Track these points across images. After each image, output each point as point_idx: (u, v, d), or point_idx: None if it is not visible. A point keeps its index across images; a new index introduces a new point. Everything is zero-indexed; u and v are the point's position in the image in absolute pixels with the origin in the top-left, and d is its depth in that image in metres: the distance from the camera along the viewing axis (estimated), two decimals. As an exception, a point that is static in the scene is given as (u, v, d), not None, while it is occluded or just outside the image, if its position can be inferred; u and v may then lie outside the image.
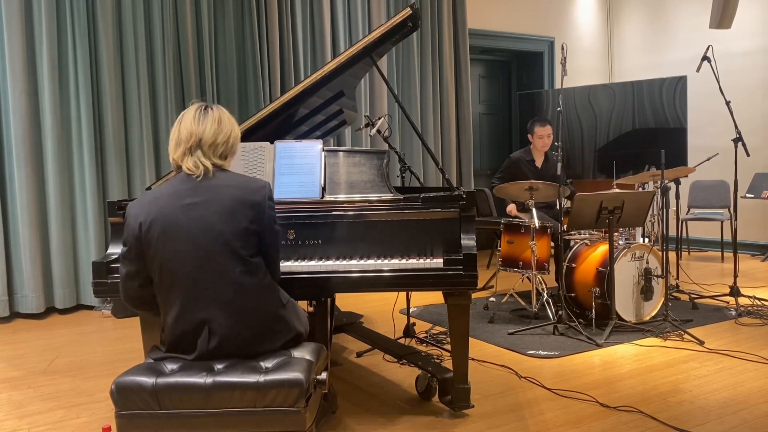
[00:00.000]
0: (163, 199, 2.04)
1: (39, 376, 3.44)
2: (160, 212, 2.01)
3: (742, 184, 5.66)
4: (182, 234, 1.99)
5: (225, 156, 2.13)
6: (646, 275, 4.10)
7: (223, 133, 2.11)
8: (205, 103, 2.17)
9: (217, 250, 1.99)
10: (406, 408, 2.87)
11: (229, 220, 2.00)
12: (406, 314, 3.88)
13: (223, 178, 2.08)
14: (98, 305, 4.93)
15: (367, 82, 6.16)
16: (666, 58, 7.62)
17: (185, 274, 1.99)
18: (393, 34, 2.95)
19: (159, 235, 1.99)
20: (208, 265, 1.99)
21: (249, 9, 5.44)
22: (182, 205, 2.01)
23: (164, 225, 2.00)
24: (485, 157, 7.98)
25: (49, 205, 4.82)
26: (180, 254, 1.99)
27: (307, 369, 1.93)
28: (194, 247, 1.99)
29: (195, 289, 1.99)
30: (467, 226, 2.59)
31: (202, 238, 1.99)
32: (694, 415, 2.73)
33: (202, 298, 1.99)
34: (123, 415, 1.89)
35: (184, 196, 2.03)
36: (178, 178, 2.10)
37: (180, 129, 2.10)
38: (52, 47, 4.75)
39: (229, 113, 2.19)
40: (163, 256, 1.99)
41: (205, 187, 2.04)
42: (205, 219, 2.00)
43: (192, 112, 2.12)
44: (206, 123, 2.09)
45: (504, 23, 7.47)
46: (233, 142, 2.16)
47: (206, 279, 1.99)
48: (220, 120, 2.12)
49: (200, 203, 2.02)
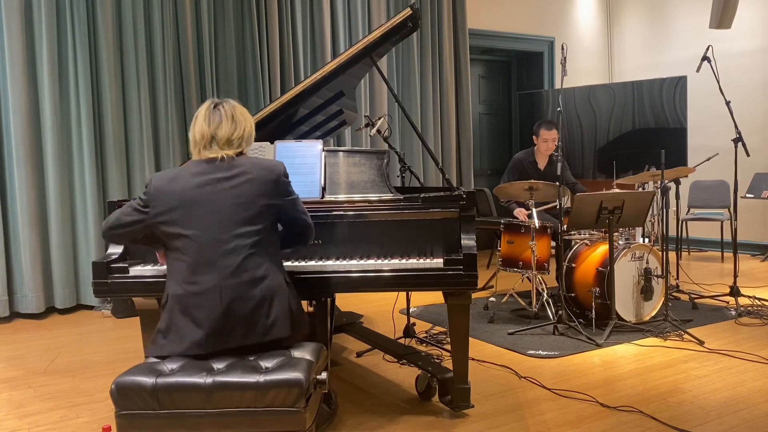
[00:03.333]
0: (184, 176, 2.14)
1: (39, 376, 3.44)
2: (184, 191, 2.11)
3: (742, 184, 5.66)
4: (200, 207, 2.09)
5: (241, 146, 2.22)
6: (646, 275, 4.10)
7: (238, 129, 2.20)
8: (216, 100, 2.24)
9: (233, 223, 2.08)
10: (406, 408, 2.87)
11: (247, 195, 2.11)
12: (406, 314, 3.88)
13: (241, 160, 2.18)
14: (98, 305, 4.93)
15: (367, 82, 6.16)
16: (666, 58, 7.62)
17: (201, 243, 2.07)
18: (393, 34, 2.95)
19: (178, 207, 2.09)
20: (223, 234, 2.07)
21: (249, 9, 5.44)
22: (202, 181, 2.11)
23: (183, 198, 2.09)
24: (485, 157, 7.98)
25: (49, 205, 4.82)
26: (197, 225, 2.08)
27: (307, 369, 1.94)
28: (212, 219, 2.08)
29: (209, 256, 2.07)
30: (467, 226, 2.59)
31: (219, 211, 2.08)
32: (694, 415, 2.73)
33: (216, 264, 2.06)
34: (123, 415, 1.90)
35: (204, 174, 2.13)
36: (196, 161, 2.19)
37: (194, 131, 2.20)
38: (52, 47, 4.75)
39: (242, 105, 2.26)
40: (180, 226, 2.09)
41: (224, 167, 2.15)
42: (223, 192, 2.10)
43: (203, 112, 2.21)
44: (217, 121, 2.18)
45: (504, 23, 7.47)
46: (248, 135, 2.24)
47: (220, 247, 2.07)
48: (233, 117, 2.20)
49: (220, 179, 2.12)
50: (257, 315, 2.07)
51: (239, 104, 2.27)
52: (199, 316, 2.04)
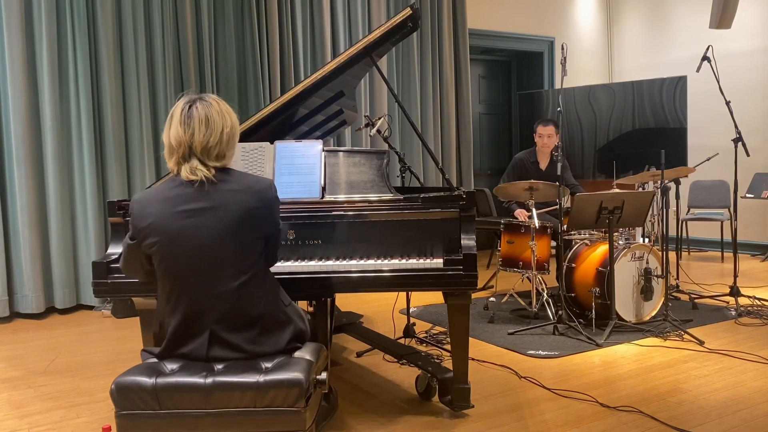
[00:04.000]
0: (159, 204, 1.94)
1: (39, 376, 3.44)
2: (159, 219, 1.93)
3: (742, 184, 5.66)
4: (185, 244, 1.92)
5: (223, 155, 1.98)
6: (646, 275, 4.09)
7: (215, 134, 1.95)
8: (192, 96, 2.00)
9: (222, 260, 1.94)
10: (406, 408, 2.87)
11: (235, 230, 1.94)
12: (406, 314, 3.88)
13: (227, 181, 1.96)
14: (98, 305, 4.93)
15: (367, 82, 6.16)
16: (666, 58, 7.62)
17: (190, 281, 1.95)
18: (393, 34, 2.95)
19: (160, 243, 1.94)
20: (212, 274, 1.95)
21: (249, 9, 5.44)
22: (182, 211, 1.92)
23: (164, 233, 1.93)
24: (485, 157, 7.98)
25: (49, 205, 4.82)
26: (182, 264, 1.94)
27: (307, 369, 1.93)
28: (197, 257, 1.93)
29: (198, 300, 1.96)
30: (467, 226, 2.59)
31: (205, 249, 1.93)
32: (694, 415, 2.73)
33: (206, 308, 1.96)
34: (123, 415, 1.89)
35: (185, 201, 1.93)
36: (177, 180, 1.97)
37: (170, 135, 1.96)
38: (52, 47, 4.75)
39: (224, 103, 2.03)
40: (166, 262, 1.96)
41: (207, 193, 1.93)
42: (209, 228, 1.92)
43: (178, 113, 1.96)
44: (193, 126, 1.94)
45: (504, 23, 7.47)
46: (228, 138, 1.99)
47: (210, 289, 1.95)
48: (207, 120, 1.95)
49: (203, 210, 1.92)
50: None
51: (219, 101, 2.02)
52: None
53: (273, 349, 2.02)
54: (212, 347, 1.98)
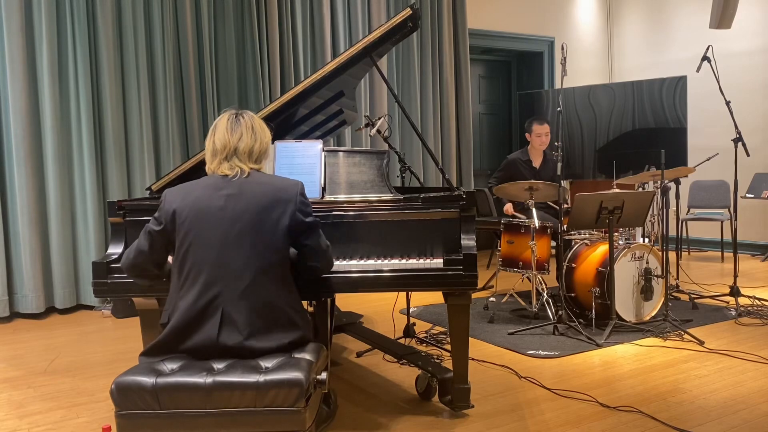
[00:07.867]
0: (199, 189, 2.13)
1: (39, 376, 3.44)
2: (196, 200, 2.09)
3: (742, 184, 5.66)
4: (213, 221, 2.06)
5: (260, 160, 2.22)
6: (646, 275, 4.10)
7: (258, 140, 2.20)
8: (235, 110, 2.23)
9: (245, 240, 2.05)
10: (406, 408, 2.87)
11: (261, 212, 2.08)
12: (406, 314, 3.88)
13: (258, 177, 2.17)
14: (98, 305, 4.93)
15: (367, 82, 6.16)
16: (666, 58, 7.62)
17: (211, 259, 2.04)
18: (393, 34, 2.95)
19: (191, 220, 2.07)
20: (234, 252, 2.04)
21: (249, 9, 5.44)
22: (217, 195, 2.10)
23: (197, 211, 2.07)
24: (485, 157, 7.98)
25: (49, 205, 4.82)
26: (208, 240, 2.05)
27: (307, 369, 1.93)
28: (224, 234, 2.05)
29: (218, 275, 2.03)
30: (467, 226, 2.59)
31: (232, 227, 2.06)
32: (694, 415, 2.73)
33: (224, 284, 2.03)
34: (123, 415, 1.89)
35: (221, 188, 2.11)
36: (214, 176, 2.17)
37: (214, 140, 2.18)
38: (52, 47, 4.75)
39: (260, 118, 2.27)
40: (191, 240, 2.06)
41: (240, 183, 2.13)
42: (237, 209, 2.07)
43: (224, 122, 2.19)
44: (240, 131, 2.17)
45: (504, 23, 7.47)
46: (266, 147, 2.25)
47: (230, 266, 2.04)
48: (253, 128, 2.20)
49: (235, 195, 2.10)
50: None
51: (257, 116, 2.27)
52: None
53: (276, 344, 2.04)
54: (223, 329, 2.01)
